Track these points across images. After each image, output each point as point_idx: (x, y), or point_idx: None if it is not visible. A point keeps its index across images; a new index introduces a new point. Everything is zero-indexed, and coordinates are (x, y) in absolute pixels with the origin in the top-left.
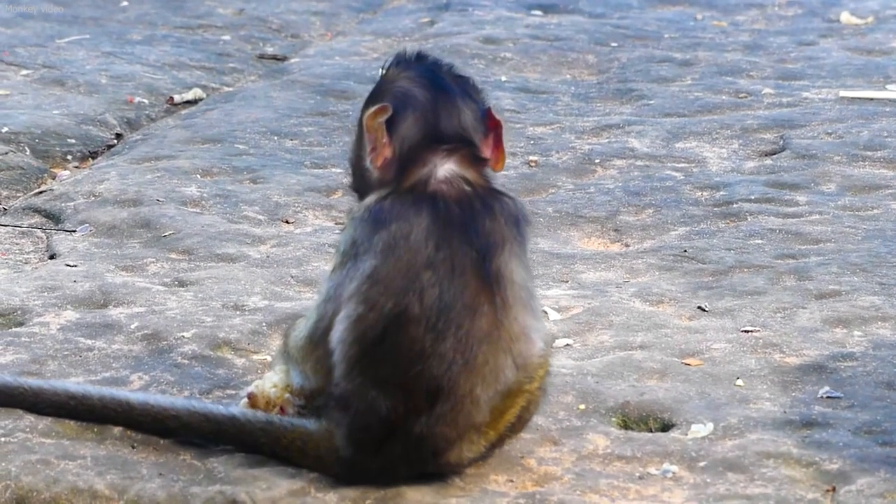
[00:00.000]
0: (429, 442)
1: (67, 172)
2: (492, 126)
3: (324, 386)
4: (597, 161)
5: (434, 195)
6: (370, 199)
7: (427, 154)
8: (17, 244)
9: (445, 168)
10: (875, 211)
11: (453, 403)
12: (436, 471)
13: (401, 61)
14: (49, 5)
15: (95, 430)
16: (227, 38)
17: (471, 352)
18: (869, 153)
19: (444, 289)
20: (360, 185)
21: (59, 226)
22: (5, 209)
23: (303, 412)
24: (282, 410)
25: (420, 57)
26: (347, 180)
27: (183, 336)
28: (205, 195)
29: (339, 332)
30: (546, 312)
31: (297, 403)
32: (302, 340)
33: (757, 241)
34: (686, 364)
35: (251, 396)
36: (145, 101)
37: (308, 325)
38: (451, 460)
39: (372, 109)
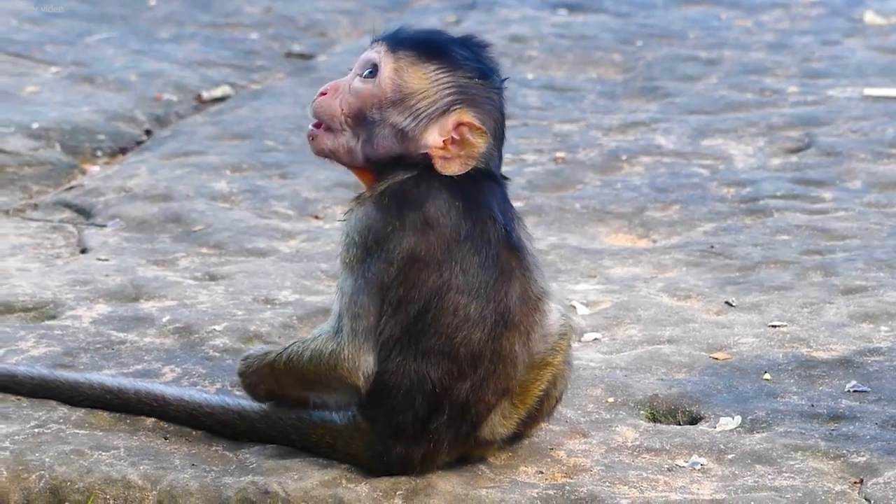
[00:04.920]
0: (471, 408)
1: (97, 168)
2: None
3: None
4: (623, 158)
5: (456, 178)
6: (382, 185)
7: None
8: (48, 238)
9: None
10: None
11: (495, 364)
12: (472, 451)
13: (490, 74)
14: (77, 3)
15: (128, 421)
16: (254, 36)
17: (509, 312)
18: (894, 150)
19: (482, 257)
20: (382, 161)
21: (90, 220)
22: (36, 204)
23: None
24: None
25: (497, 69)
26: (361, 151)
27: (214, 329)
28: (234, 190)
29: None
30: (574, 307)
31: None
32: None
33: (783, 237)
34: (714, 358)
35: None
36: (174, 98)
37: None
38: (486, 435)
39: (474, 121)
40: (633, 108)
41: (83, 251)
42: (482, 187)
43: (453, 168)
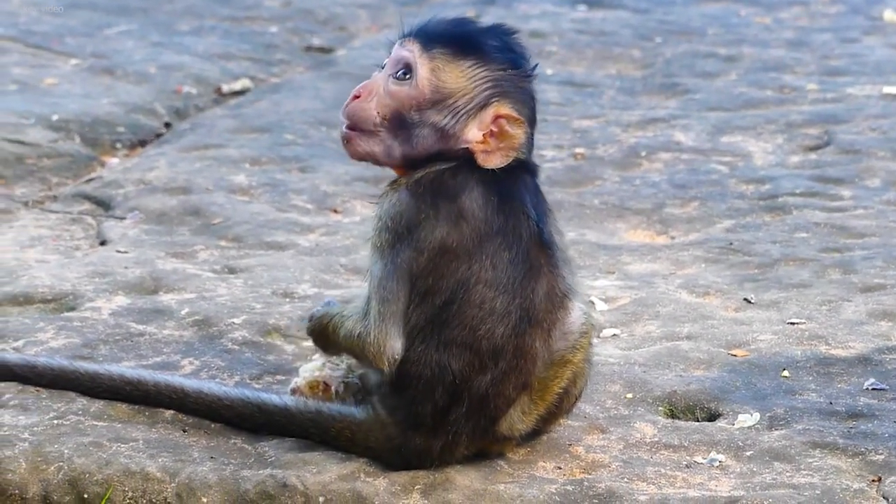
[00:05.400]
0: (491, 402)
1: (117, 160)
2: None
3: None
4: (642, 154)
5: (493, 171)
6: (419, 173)
7: None
8: (67, 230)
9: None
10: None
11: (517, 360)
12: (490, 446)
13: (522, 62)
14: None
15: (147, 413)
16: (274, 29)
17: (534, 309)
18: None
19: (512, 253)
20: (421, 158)
21: (110, 213)
22: (56, 196)
23: (348, 380)
24: (326, 387)
25: (527, 55)
26: (400, 151)
27: (233, 322)
28: (253, 184)
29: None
30: (593, 302)
31: (339, 376)
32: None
33: (802, 235)
34: (732, 355)
35: (294, 391)
36: (193, 90)
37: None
38: (504, 430)
39: (512, 113)
40: (652, 104)
41: (102, 243)
42: (517, 180)
43: (495, 161)
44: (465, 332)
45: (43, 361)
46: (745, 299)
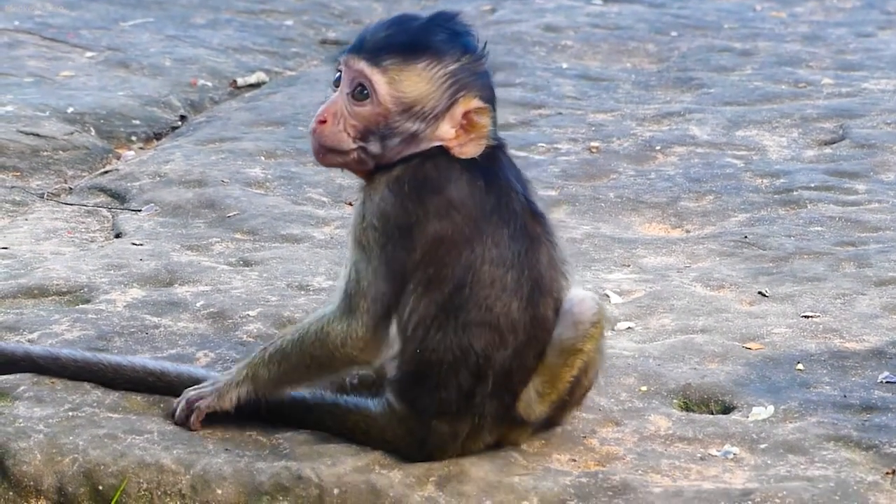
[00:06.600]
0: (514, 376)
1: (132, 153)
2: None
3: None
4: (657, 148)
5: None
6: (397, 171)
7: None
8: (83, 223)
9: None
10: None
11: (535, 329)
12: (509, 433)
13: (473, 48)
14: None
15: (162, 405)
16: (289, 22)
17: (543, 278)
18: None
19: (511, 228)
20: (395, 162)
21: (125, 205)
22: (71, 188)
23: (362, 372)
24: (342, 381)
25: (474, 36)
26: (373, 162)
27: (248, 315)
28: (269, 177)
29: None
30: (608, 296)
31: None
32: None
33: (817, 229)
34: (747, 348)
35: None
36: (209, 83)
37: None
38: (522, 411)
39: (480, 105)
40: (667, 98)
41: (117, 236)
42: (495, 160)
43: (470, 151)
44: (482, 312)
45: (66, 353)
46: (760, 293)
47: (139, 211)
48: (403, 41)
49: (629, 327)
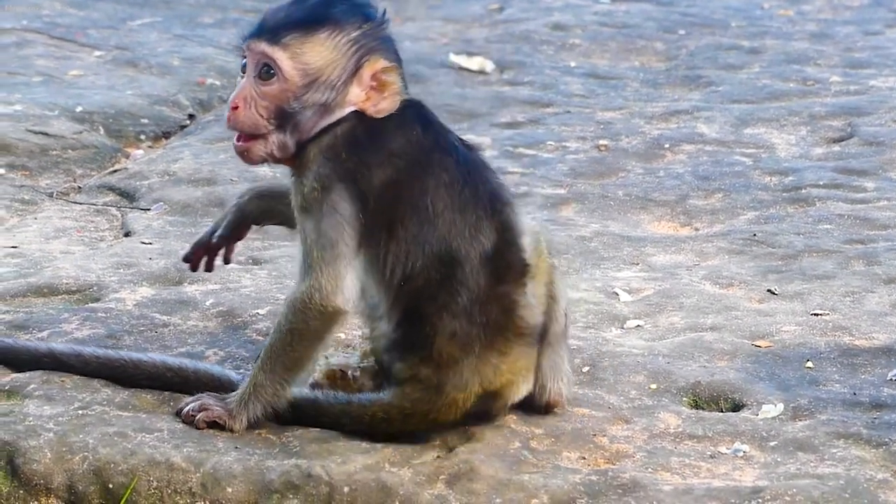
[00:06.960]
0: (500, 274)
1: (141, 152)
2: None
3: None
4: (666, 146)
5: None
6: (326, 140)
7: None
8: (92, 222)
9: None
10: None
11: (506, 231)
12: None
13: (370, 13)
14: None
15: (172, 403)
16: None
17: (497, 189)
18: None
19: (454, 157)
20: (313, 137)
21: (134, 204)
22: (80, 187)
23: (364, 365)
24: (343, 374)
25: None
26: (292, 141)
27: (257, 313)
28: (277, 175)
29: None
30: (617, 294)
31: (354, 362)
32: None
33: (826, 226)
34: (756, 346)
35: (315, 386)
36: (217, 82)
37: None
38: (524, 313)
39: (386, 64)
40: (675, 96)
41: (127, 234)
42: (417, 109)
43: (386, 108)
44: (449, 225)
45: (89, 350)
46: (769, 290)
47: (148, 210)
48: (301, 17)
49: (638, 325)
